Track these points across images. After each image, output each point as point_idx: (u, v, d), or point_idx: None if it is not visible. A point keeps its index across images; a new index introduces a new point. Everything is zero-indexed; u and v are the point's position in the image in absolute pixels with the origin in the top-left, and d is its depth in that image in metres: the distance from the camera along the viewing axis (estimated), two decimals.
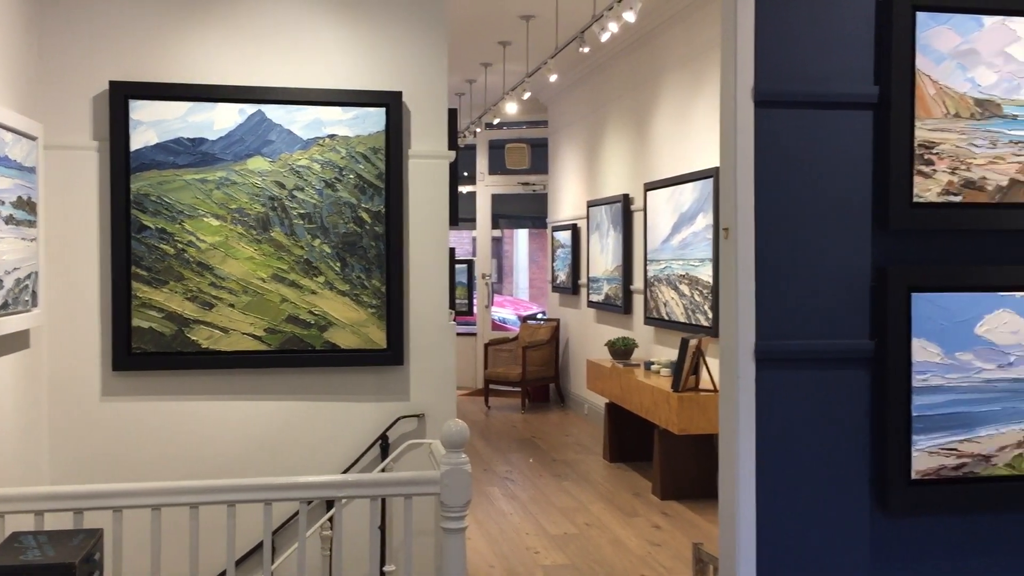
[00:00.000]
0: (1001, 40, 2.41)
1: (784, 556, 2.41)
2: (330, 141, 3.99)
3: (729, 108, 2.44)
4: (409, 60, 4.06)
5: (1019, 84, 2.41)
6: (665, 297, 7.34)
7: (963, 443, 2.42)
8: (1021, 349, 2.43)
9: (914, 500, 2.41)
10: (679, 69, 7.22)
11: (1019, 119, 2.41)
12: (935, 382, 2.40)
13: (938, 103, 2.39)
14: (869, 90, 2.40)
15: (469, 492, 2.82)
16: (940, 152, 2.39)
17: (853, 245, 2.42)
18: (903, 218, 2.38)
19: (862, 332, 2.43)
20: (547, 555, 5.26)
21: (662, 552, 5.26)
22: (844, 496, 2.43)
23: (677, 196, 7.10)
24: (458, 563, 2.82)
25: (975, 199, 2.40)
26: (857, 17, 2.41)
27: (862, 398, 2.43)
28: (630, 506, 6.25)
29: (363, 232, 4.01)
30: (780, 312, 2.41)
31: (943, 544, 2.46)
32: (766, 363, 2.41)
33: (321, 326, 3.99)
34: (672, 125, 7.39)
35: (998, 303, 2.42)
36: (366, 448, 4.05)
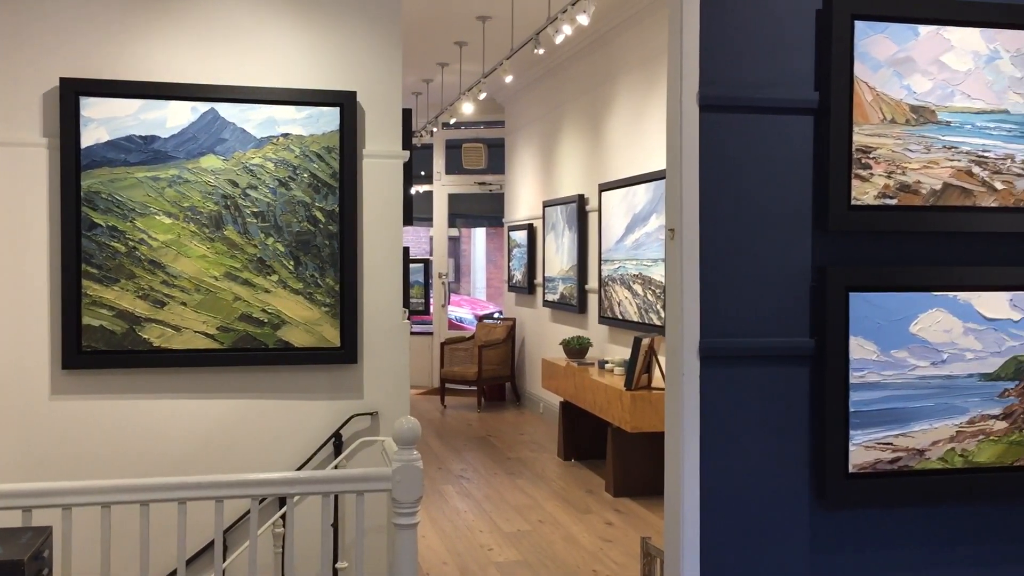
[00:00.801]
0: (936, 49, 2.50)
1: (727, 547, 2.48)
2: (284, 140, 3.99)
3: (675, 112, 2.50)
4: (364, 60, 4.08)
5: (952, 92, 2.50)
6: (619, 297, 7.42)
7: (898, 438, 2.50)
8: (953, 347, 2.52)
9: (851, 493, 2.49)
10: (633, 72, 7.30)
11: (952, 125, 2.50)
12: (872, 379, 2.48)
13: (875, 109, 2.47)
14: (810, 96, 2.47)
15: (421, 488, 2.85)
16: (877, 156, 2.47)
17: (794, 246, 2.49)
18: (842, 220, 2.46)
19: (802, 330, 2.50)
20: (500, 552, 5.30)
21: (614, 548, 5.33)
22: (785, 489, 2.50)
23: (631, 197, 7.18)
24: (410, 558, 2.85)
25: (910, 202, 2.49)
26: (798, 25, 2.48)
27: (802, 394, 2.51)
28: (583, 503, 6.32)
29: (317, 231, 4.02)
30: (724, 311, 2.48)
31: (879, 535, 2.55)
32: (710, 360, 2.47)
33: (274, 324, 4.00)
34: (626, 127, 7.48)
35: (932, 303, 2.51)
36: (319, 446, 4.06)
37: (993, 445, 2.54)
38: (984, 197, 2.52)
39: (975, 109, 2.51)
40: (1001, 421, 2.54)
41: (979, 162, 2.51)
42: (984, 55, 2.52)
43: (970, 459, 2.53)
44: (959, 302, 2.52)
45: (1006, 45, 2.53)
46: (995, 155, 2.52)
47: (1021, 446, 2.55)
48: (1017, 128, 2.53)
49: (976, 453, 2.53)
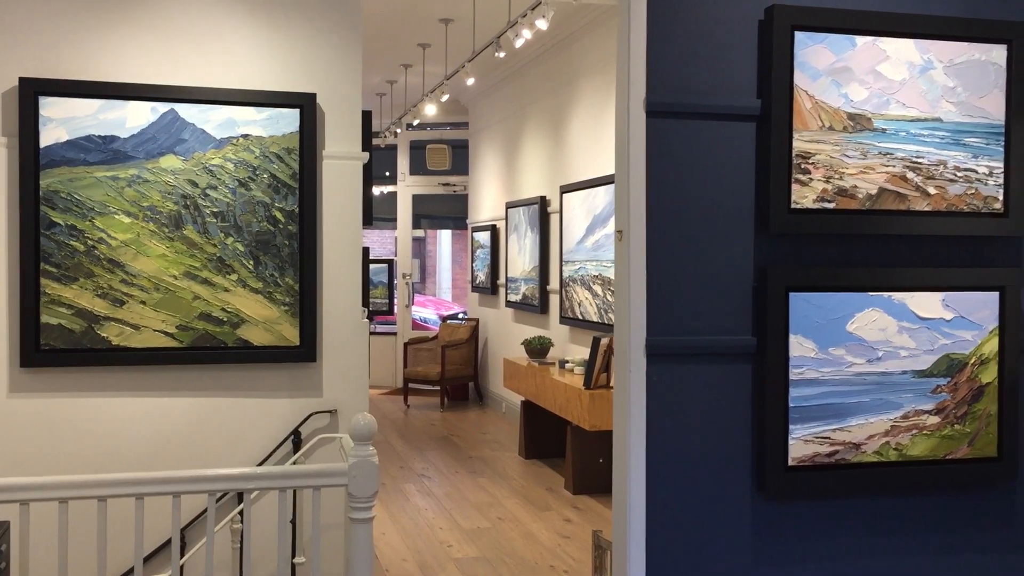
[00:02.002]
0: (872, 59, 2.61)
1: (672, 539, 2.57)
2: (244, 141, 4.03)
3: (623, 118, 2.59)
4: (324, 62, 4.12)
5: (888, 100, 2.61)
6: (579, 297, 7.52)
7: (835, 432, 2.61)
8: (888, 345, 2.63)
9: (791, 485, 2.59)
10: (594, 76, 7.40)
11: (887, 132, 2.61)
12: (810, 375, 2.59)
13: (814, 116, 2.57)
14: (752, 103, 2.57)
15: (376, 483, 2.91)
16: (816, 162, 2.57)
17: (737, 248, 2.59)
18: (782, 223, 2.56)
19: (745, 329, 2.60)
20: (459, 548, 5.37)
21: (571, 544, 5.42)
22: (727, 482, 2.60)
23: (591, 199, 7.28)
24: (366, 552, 2.91)
25: (847, 206, 2.60)
26: (741, 35, 2.58)
27: (744, 390, 2.60)
28: (543, 500, 6.40)
29: (276, 231, 4.06)
30: (670, 310, 2.57)
31: (817, 526, 2.65)
32: (656, 358, 2.56)
33: (234, 323, 4.03)
34: (587, 130, 7.57)
35: (868, 302, 2.62)
36: (278, 444, 4.10)
37: (926, 439, 2.65)
38: (918, 201, 2.63)
39: (909, 117, 2.62)
40: (933, 416, 2.65)
41: (913, 168, 2.63)
42: (918, 65, 2.63)
43: (904, 452, 2.64)
44: (894, 302, 2.63)
45: (939, 56, 2.64)
46: (928, 161, 2.63)
47: (952, 440, 2.67)
48: (949, 136, 2.64)
49: (910, 447, 2.64)
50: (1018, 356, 2.69)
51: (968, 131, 2.65)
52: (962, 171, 2.65)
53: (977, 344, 2.67)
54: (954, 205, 2.65)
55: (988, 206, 2.66)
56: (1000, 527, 2.75)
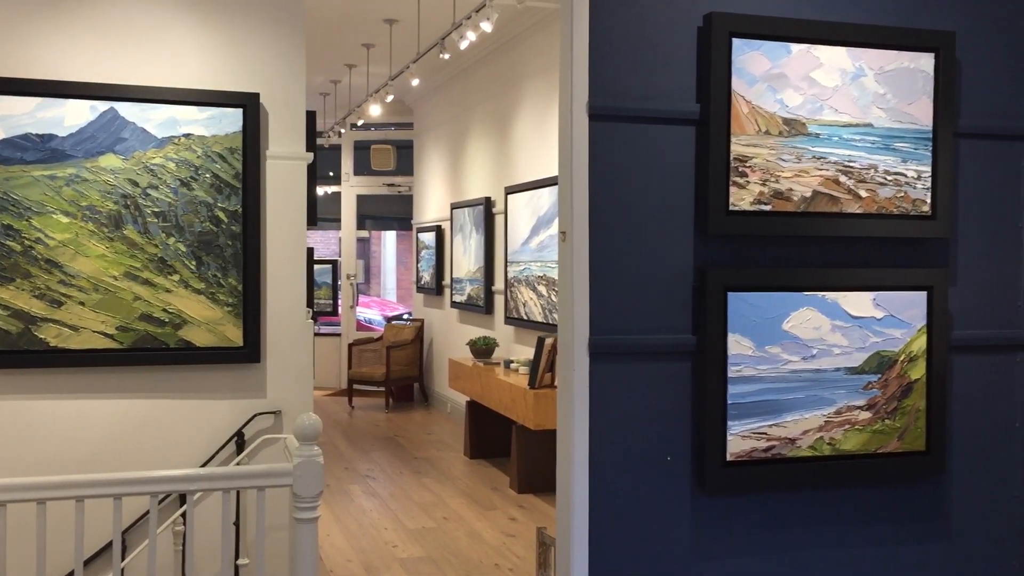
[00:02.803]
0: (806, 66, 2.69)
1: (614, 534, 2.62)
2: (186, 140, 3.99)
3: (566, 121, 2.63)
4: (267, 62, 4.11)
5: (821, 106, 2.70)
6: (524, 297, 7.57)
7: (772, 428, 2.68)
8: (822, 343, 2.71)
9: (729, 480, 2.66)
10: (538, 77, 7.46)
11: (821, 137, 2.69)
12: (748, 373, 2.66)
13: (751, 121, 2.64)
14: (691, 107, 2.63)
15: (321, 483, 2.92)
16: (753, 165, 2.64)
17: (677, 248, 2.65)
18: (721, 224, 2.63)
19: (685, 328, 2.66)
20: (404, 548, 5.38)
21: (516, 542, 5.46)
22: (668, 478, 2.65)
23: (536, 200, 7.33)
24: (310, 552, 2.91)
25: (783, 208, 2.67)
26: (681, 40, 2.64)
27: (684, 388, 2.66)
28: (488, 500, 6.43)
29: (219, 231, 4.03)
30: (612, 309, 2.61)
31: (755, 519, 2.72)
32: (599, 356, 2.61)
33: (176, 324, 4.00)
34: (531, 131, 7.63)
35: (803, 302, 2.70)
36: (221, 445, 4.07)
37: (858, 434, 2.74)
38: (850, 204, 2.72)
39: (842, 122, 2.71)
40: (865, 411, 2.74)
41: (845, 172, 2.71)
42: (850, 72, 2.72)
43: (837, 447, 2.72)
44: (827, 301, 2.71)
45: (870, 63, 2.73)
46: (860, 165, 2.72)
47: (883, 435, 2.76)
48: (880, 141, 2.74)
49: (842, 441, 2.73)
50: (945, 354, 2.79)
51: (897, 136, 2.75)
52: (892, 175, 2.74)
53: (906, 342, 2.77)
54: (884, 208, 2.74)
55: (916, 209, 2.76)
56: (928, 519, 2.85)
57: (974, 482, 2.89)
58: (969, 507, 2.88)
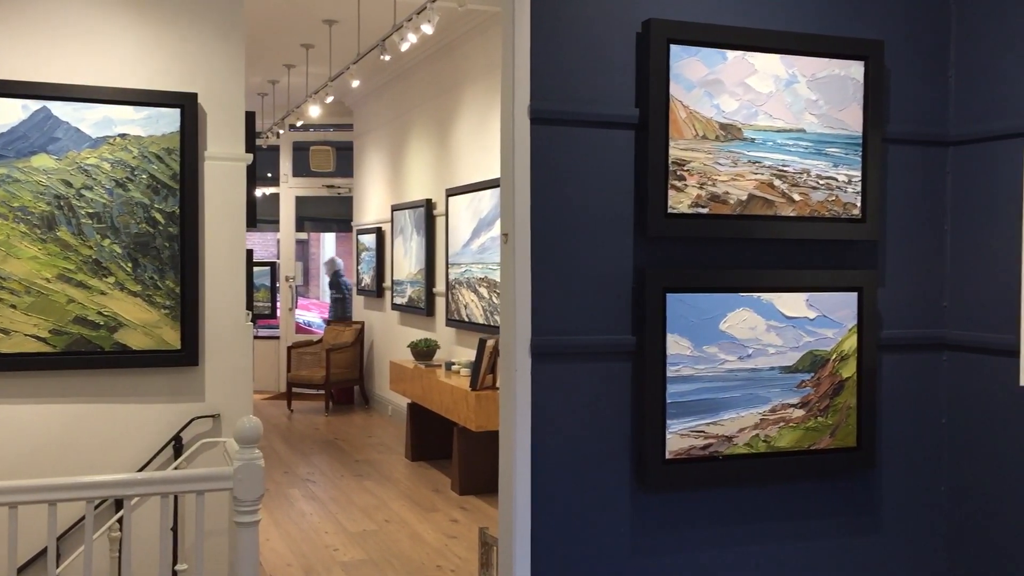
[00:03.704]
0: (742, 72, 2.75)
1: (556, 533, 2.65)
2: (121, 140, 3.93)
3: (508, 124, 2.66)
4: (205, 62, 4.06)
5: (756, 111, 2.76)
6: (465, 299, 7.58)
7: (709, 426, 2.74)
8: (758, 343, 2.78)
9: (668, 477, 2.71)
10: (479, 80, 7.48)
11: (756, 142, 2.76)
12: (686, 372, 2.71)
13: (689, 126, 2.70)
14: (631, 112, 2.68)
15: (262, 486, 2.90)
16: (690, 169, 2.70)
17: (617, 250, 2.69)
18: (659, 227, 2.68)
19: (625, 328, 2.70)
20: (346, 552, 5.35)
21: (458, 544, 5.47)
22: (608, 476, 2.69)
23: (477, 202, 7.35)
24: (251, 556, 2.89)
25: (719, 211, 2.73)
26: (620, 46, 2.68)
27: (625, 387, 2.71)
28: (429, 502, 6.43)
29: (156, 233, 3.97)
30: (553, 310, 2.65)
31: (693, 515, 2.78)
32: (541, 357, 2.64)
33: (111, 327, 3.93)
34: (473, 134, 7.64)
35: (739, 302, 2.76)
36: (158, 450, 4.01)
37: (792, 431, 2.81)
38: (784, 207, 2.79)
39: (776, 128, 2.78)
40: (799, 409, 2.82)
41: (780, 176, 2.78)
42: (784, 79, 2.79)
43: (772, 444, 2.80)
44: (762, 302, 2.78)
45: (803, 71, 2.81)
46: (793, 169, 2.80)
47: (816, 431, 2.84)
48: (812, 146, 2.81)
49: (777, 438, 2.80)
50: (874, 353, 2.88)
51: (829, 141, 2.83)
52: (824, 179, 2.82)
53: (838, 341, 2.85)
54: (816, 211, 2.82)
55: (847, 212, 2.85)
56: (859, 513, 2.94)
57: (902, 477, 2.98)
58: (897, 501, 2.98)
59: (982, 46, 2.91)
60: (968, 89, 2.95)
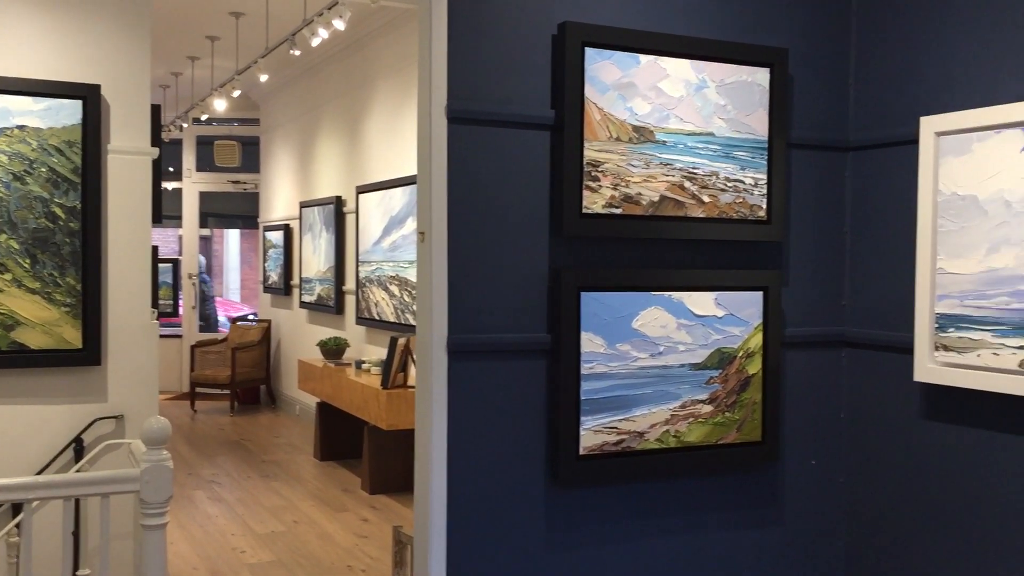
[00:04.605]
0: (654, 76, 2.82)
1: (471, 530, 2.67)
2: (19, 132, 3.78)
3: (425, 122, 2.67)
4: (109, 53, 3.94)
5: (668, 115, 2.83)
6: (376, 297, 7.53)
7: (622, 422, 2.80)
8: (669, 341, 2.85)
9: (582, 473, 2.75)
10: (391, 76, 7.43)
11: (668, 144, 2.83)
12: (600, 370, 2.76)
13: (603, 127, 2.75)
14: (546, 113, 2.71)
15: (170, 488, 2.84)
16: (604, 170, 2.75)
17: (533, 249, 2.73)
18: (574, 227, 2.72)
19: (540, 326, 2.74)
20: (253, 553, 5.26)
21: (369, 543, 5.44)
22: (524, 472, 2.73)
23: (388, 200, 7.31)
24: (159, 559, 2.83)
25: (632, 211, 2.79)
26: (536, 48, 2.72)
27: (540, 385, 2.74)
28: (339, 502, 6.37)
29: (57, 228, 3.84)
30: (470, 309, 2.66)
31: (607, 509, 2.83)
32: (457, 355, 2.65)
33: (7, 326, 3.78)
34: (384, 130, 7.60)
35: (651, 301, 2.83)
36: (57, 452, 3.87)
37: (701, 426, 2.89)
38: (694, 208, 2.87)
39: (687, 131, 2.86)
40: (707, 405, 2.90)
41: (690, 178, 2.86)
42: (694, 84, 2.86)
43: (682, 439, 2.87)
44: (673, 301, 2.85)
45: (712, 76, 2.89)
46: (703, 172, 2.88)
47: (723, 427, 2.92)
48: (721, 149, 2.90)
49: (687, 434, 2.88)
50: (779, 350, 2.99)
51: (737, 145, 2.92)
52: (732, 181, 2.91)
53: (744, 339, 2.94)
54: (725, 212, 2.91)
55: (754, 214, 2.94)
56: (763, 505, 3.04)
57: (804, 469, 3.10)
58: (799, 493, 3.09)
59: (879, 56, 3.04)
60: (866, 97, 3.08)
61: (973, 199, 2.67)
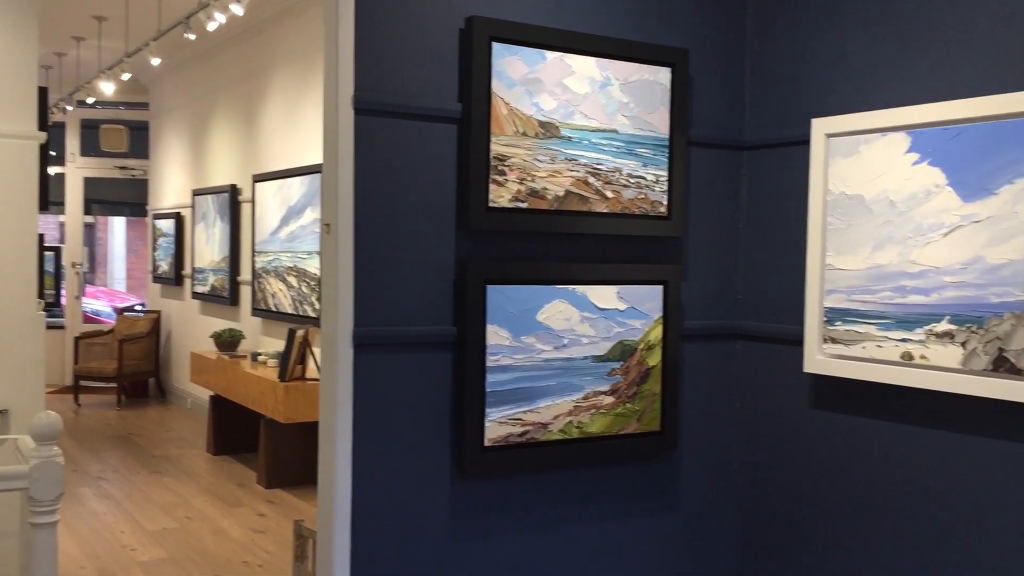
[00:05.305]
0: (560, 73, 2.86)
1: (376, 522, 2.66)
2: None
3: (331, 113, 2.64)
4: None
5: (573, 111, 2.88)
6: (273, 288, 7.40)
7: (527, 414, 2.83)
8: (573, 333, 2.90)
9: (487, 464, 2.78)
10: (289, 64, 7.30)
11: (573, 140, 2.87)
12: (505, 362, 2.79)
13: (510, 122, 2.77)
14: (454, 107, 2.72)
15: (61, 485, 2.75)
16: (511, 164, 2.77)
17: (440, 243, 2.73)
18: (481, 220, 2.74)
19: (447, 319, 2.75)
20: (144, 551, 5.12)
21: (265, 538, 5.36)
22: (429, 464, 2.73)
23: (286, 189, 7.19)
24: (49, 558, 2.73)
25: (538, 206, 2.83)
26: (444, 41, 2.72)
27: (445, 377, 2.75)
28: (234, 497, 6.25)
29: None
30: (376, 301, 2.65)
31: (511, 500, 2.87)
32: (363, 348, 2.64)
33: None
34: (282, 119, 7.46)
35: (555, 294, 2.87)
36: None
37: (603, 417, 2.96)
38: (598, 204, 2.92)
39: (591, 127, 2.91)
40: (609, 396, 2.97)
41: (594, 173, 2.91)
42: (599, 81, 2.92)
43: (584, 430, 2.93)
44: (577, 294, 2.90)
45: (616, 74, 2.94)
46: (607, 168, 2.93)
47: (624, 417, 2.99)
48: (624, 146, 2.96)
49: (589, 424, 2.93)
50: (678, 342, 3.07)
51: (639, 142, 2.98)
52: (634, 178, 2.98)
53: (645, 332, 3.02)
54: (627, 208, 2.97)
55: (655, 210, 3.01)
56: (662, 493, 3.13)
57: (700, 457, 3.20)
58: (696, 480, 3.19)
59: (774, 59, 3.15)
60: (761, 98, 3.20)
61: (860, 199, 2.80)
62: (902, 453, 2.76)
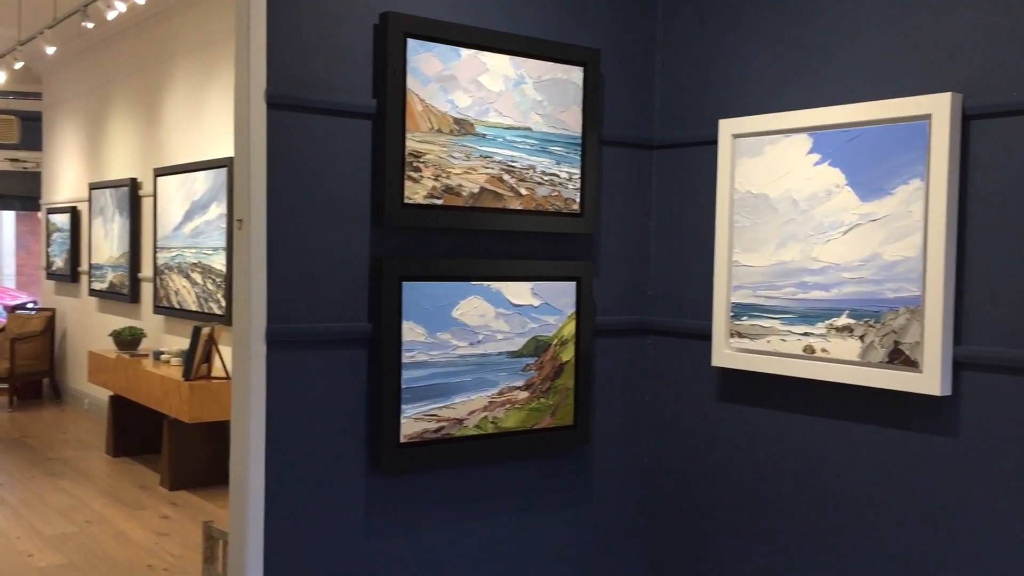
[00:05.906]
0: (474, 70, 2.87)
1: (291, 521, 2.64)
2: None
3: (242, 107, 2.60)
4: None
5: (488, 108, 2.90)
6: (176, 285, 7.21)
7: (442, 409, 2.84)
8: (487, 329, 2.92)
9: (403, 460, 2.78)
10: (192, 55, 7.12)
11: (487, 137, 2.89)
12: (421, 358, 2.79)
13: (425, 119, 2.78)
14: (368, 102, 2.71)
15: None
16: (426, 161, 2.78)
17: (354, 239, 2.72)
18: (396, 216, 2.74)
19: (362, 316, 2.74)
20: (42, 557, 4.94)
21: (170, 541, 5.23)
22: (344, 461, 2.72)
23: (190, 184, 7.01)
24: None
25: (453, 203, 2.84)
26: (358, 36, 2.71)
27: (361, 374, 2.74)
28: (136, 499, 6.08)
29: None
30: (290, 298, 2.63)
31: (427, 495, 2.87)
32: (276, 345, 2.61)
33: None
34: (185, 111, 7.27)
35: (470, 291, 2.89)
36: None
37: (517, 412, 2.99)
38: (512, 201, 2.95)
39: (505, 125, 2.93)
40: (523, 391, 3.00)
41: (508, 171, 2.94)
42: (513, 79, 2.94)
43: (499, 425, 2.95)
44: (492, 290, 2.92)
45: (530, 73, 2.98)
46: (521, 165, 2.96)
47: (538, 412, 3.03)
48: (538, 144, 2.99)
49: (504, 419, 2.96)
50: (590, 337, 3.13)
51: (552, 140, 3.02)
52: (548, 175, 3.01)
53: (559, 327, 3.06)
54: (541, 205, 3.01)
55: (568, 207, 3.06)
56: (575, 485, 3.18)
57: (612, 450, 3.26)
58: (608, 472, 3.25)
59: (683, 60, 3.23)
60: (671, 98, 3.27)
61: (765, 197, 2.90)
62: (805, 443, 2.87)
